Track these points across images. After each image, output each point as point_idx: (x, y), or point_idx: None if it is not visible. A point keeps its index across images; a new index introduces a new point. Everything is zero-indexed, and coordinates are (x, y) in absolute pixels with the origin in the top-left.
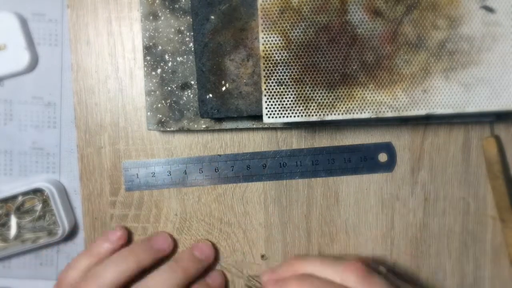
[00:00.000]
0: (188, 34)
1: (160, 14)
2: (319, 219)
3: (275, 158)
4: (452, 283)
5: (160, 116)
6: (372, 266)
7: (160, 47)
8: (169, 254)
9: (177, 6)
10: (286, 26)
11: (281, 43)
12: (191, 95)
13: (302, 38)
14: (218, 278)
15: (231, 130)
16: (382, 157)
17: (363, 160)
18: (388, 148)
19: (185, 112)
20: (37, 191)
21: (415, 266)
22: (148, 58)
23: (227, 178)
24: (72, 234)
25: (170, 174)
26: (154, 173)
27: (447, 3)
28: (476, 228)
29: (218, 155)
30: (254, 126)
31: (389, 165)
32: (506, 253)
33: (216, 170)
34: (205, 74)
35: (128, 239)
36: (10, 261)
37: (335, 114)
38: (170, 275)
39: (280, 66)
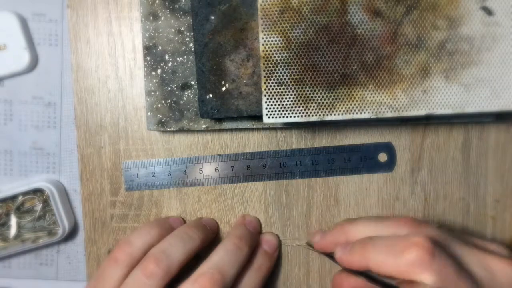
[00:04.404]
0: (188, 34)
1: (160, 14)
2: (319, 219)
3: (275, 158)
4: None
5: (160, 116)
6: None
7: (160, 47)
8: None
9: (177, 6)
10: (286, 26)
11: (281, 43)
12: (191, 95)
13: (302, 38)
14: (273, 242)
15: (231, 130)
16: (382, 157)
17: (363, 160)
18: (388, 148)
19: (185, 112)
20: (37, 191)
21: None
22: (148, 58)
23: (227, 178)
24: (72, 234)
25: (170, 174)
26: (154, 173)
27: (447, 4)
28: (476, 228)
29: (218, 155)
30: (254, 126)
31: (389, 165)
32: None
33: (216, 170)
34: (205, 74)
35: None
36: (10, 261)
37: (335, 114)
38: (237, 252)
39: (280, 66)
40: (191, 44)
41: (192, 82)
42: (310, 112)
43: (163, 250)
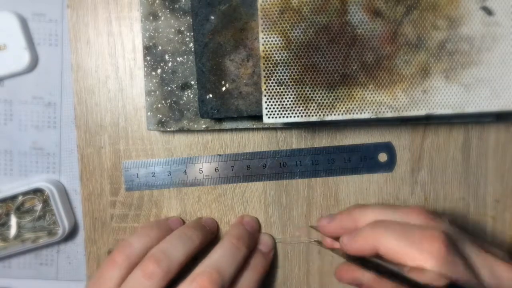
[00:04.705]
0: (188, 34)
1: (160, 14)
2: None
3: (275, 158)
4: None
5: (160, 116)
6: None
7: (160, 47)
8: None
9: (177, 6)
10: (286, 26)
11: (281, 43)
12: (191, 95)
13: (302, 39)
14: (268, 242)
15: (231, 130)
16: (382, 157)
17: (363, 160)
18: (388, 148)
19: (185, 112)
20: (37, 191)
21: None
22: (148, 58)
23: (227, 178)
24: (72, 234)
25: (170, 174)
26: (154, 173)
27: (447, 4)
28: (476, 228)
29: (218, 155)
30: (254, 126)
31: (389, 165)
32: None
33: (216, 170)
34: (205, 74)
35: None
36: (10, 261)
37: (335, 114)
38: (235, 252)
39: (280, 66)
40: (191, 44)
41: (192, 82)
42: (310, 112)
43: (163, 250)
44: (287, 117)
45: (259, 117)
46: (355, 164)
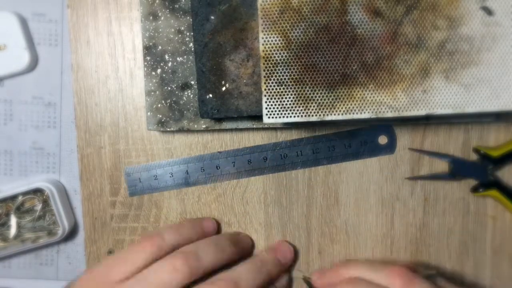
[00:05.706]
0: (188, 34)
1: (160, 14)
2: (319, 219)
3: (275, 150)
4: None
5: (160, 116)
6: (423, 271)
7: (160, 47)
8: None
9: (177, 6)
10: (286, 26)
11: (281, 43)
12: (191, 95)
13: (302, 38)
14: (285, 283)
15: (231, 130)
16: (382, 140)
17: (363, 144)
18: (388, 130)
19: (185, 112)
20: (37, 191)
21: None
22: (148, 58)
23: (229, 175)
24: (72, 234)
25: (172, 176)
26: (156, 176)
27: (447, 4)
28: (476, 228)
29: (219, 152)
30: (254, 126)
31: (390, 147)
32: (506, 253)
33: (218, 167)
34: (205, 74)
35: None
36: (10, 261)
37: (335, 114)
38: (256, 276)
39: (280, 66)
40: (191, 44)
41: (192, 82)
42: (310, 112)
43: (194, 252)
44: (287, 117)
45: (259, 117)
46: (355, 149)
